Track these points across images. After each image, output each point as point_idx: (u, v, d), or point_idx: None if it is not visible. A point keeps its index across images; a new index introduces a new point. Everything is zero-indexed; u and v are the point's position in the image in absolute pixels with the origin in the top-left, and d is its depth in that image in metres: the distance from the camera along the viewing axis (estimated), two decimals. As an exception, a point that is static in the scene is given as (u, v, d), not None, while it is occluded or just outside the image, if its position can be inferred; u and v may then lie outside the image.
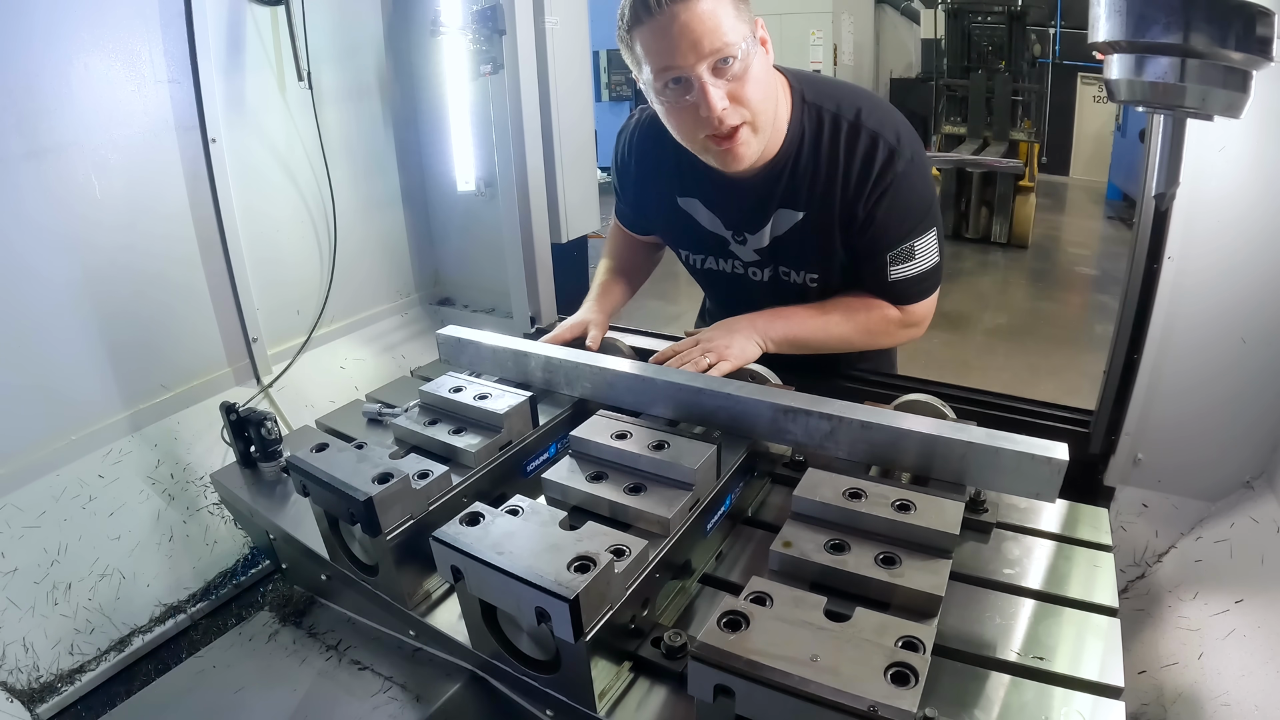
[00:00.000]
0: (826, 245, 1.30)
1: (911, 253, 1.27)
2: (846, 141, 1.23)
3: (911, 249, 1.27)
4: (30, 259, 1.54)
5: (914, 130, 1.27)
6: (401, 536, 0.90)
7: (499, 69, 1.97)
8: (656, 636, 0.82)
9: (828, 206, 1.26)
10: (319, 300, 2.16)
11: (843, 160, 1.23)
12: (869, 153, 1.21)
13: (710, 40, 1.07)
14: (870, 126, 1.22)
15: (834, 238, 1.29)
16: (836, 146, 1.23)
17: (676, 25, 1.06)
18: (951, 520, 0.85)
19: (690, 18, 1.05)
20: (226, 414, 1.16)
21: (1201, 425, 1.30)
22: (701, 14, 1.06)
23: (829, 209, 1.26)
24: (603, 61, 7.81)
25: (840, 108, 1.24)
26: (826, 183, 1.25)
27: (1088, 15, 0.89)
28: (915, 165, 1.23)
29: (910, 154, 1.22)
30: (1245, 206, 1.19)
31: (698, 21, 1.06)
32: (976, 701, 0.74)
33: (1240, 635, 1.05)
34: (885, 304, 1.33)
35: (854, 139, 1.22)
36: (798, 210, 1.29)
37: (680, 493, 0.92)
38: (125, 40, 1.65)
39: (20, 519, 1.48)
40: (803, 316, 1.34)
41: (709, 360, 1.23)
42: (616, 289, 1.59)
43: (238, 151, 1.89)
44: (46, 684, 1.33)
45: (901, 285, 1.30)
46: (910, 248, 1.27)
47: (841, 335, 1.34)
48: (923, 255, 1.28)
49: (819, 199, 1.26)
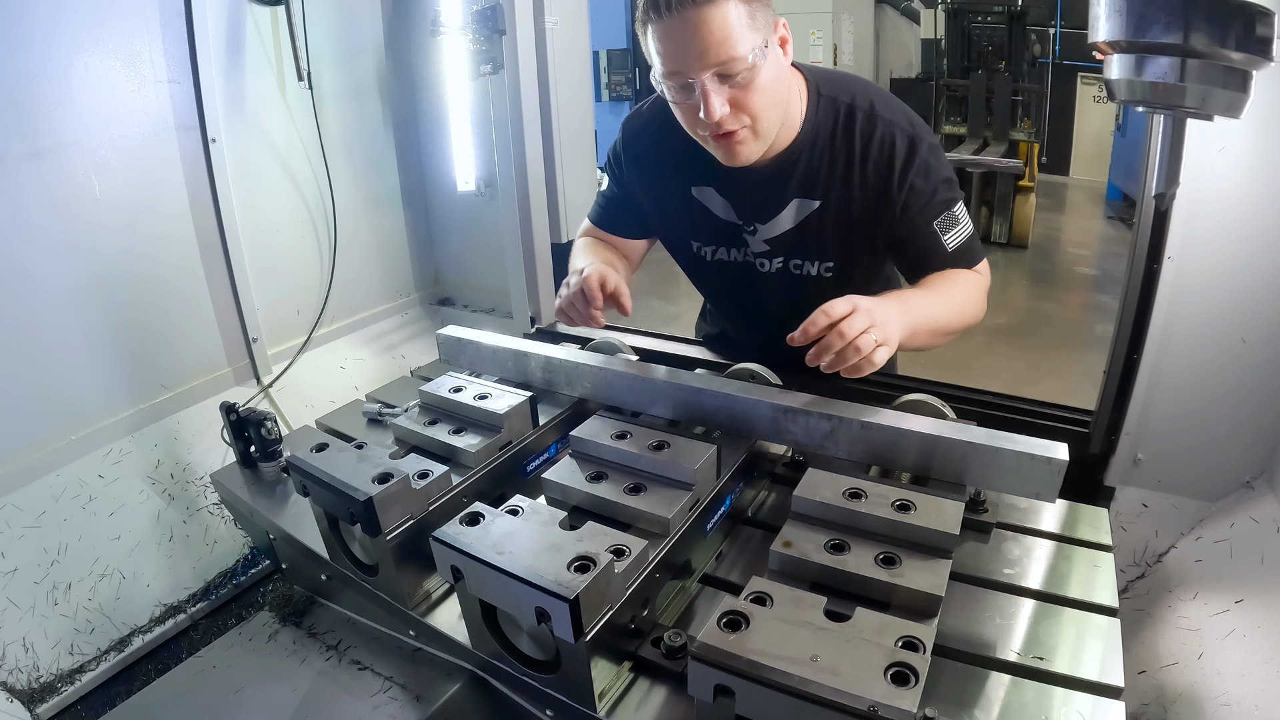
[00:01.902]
0: (845, 235, 1.31)
1: (954, 219, 1.29)
2: (864, 133, 1.25)
3: (953, 216, 1.29)
4: (30, 259, 1.54)
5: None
6: (401, 536, 0.90)
7: (499, 69, 1.98)
8: (656, 636, 0.82)
9: (847, 196, 1.28)
10: (319, 300, 2.16)
11: (859, 151, 1.25)
12: (889, 144, 1.24)
13: (717, 51, 1.06)
14: (886, 117, 1.24)
15: (854, 228, 1.30)
16: (853, 138, 1.25)
17: (685, 31, 1.05)
18: (951, 520, 0.85)
19: (700, 25, 1.04)
20: (226, 414, 1.17)
21: (1201, 425, 1.30)
22: (711, 23, 1.04)
23: (848, 198, 1.28)
24: (603, 61, 7.79)
25: (855, 100, 1.26)
26: (845, 171, 1.26)
27: (1088, 15, 0.89)
28: (931, 144, 1.26)
29: (924, 135, 1.26)
30: (1245, 206, 1.19)
31: (706, 30, 1.04)
32: (976, 701, 0.74)
33: (1240, 635, 1.05)
34: (964, 273, 1.31)
35: (871, 130, 1.24)
36: (814, 199, 1.30)
37: (680, 493, 0.92)
38: (125, 40, 1.65)
39: (20, 519, 1.48)
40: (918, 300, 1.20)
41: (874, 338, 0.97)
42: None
43: (238, 151, 1.89)
44: (46, 684, 1.33)
45: (963, 250, 1.30)
46: (952, 215, 1.29)
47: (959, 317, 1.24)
48: (964, 220, 1.30)
49: (838, 188, 1.28)
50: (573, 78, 2.19)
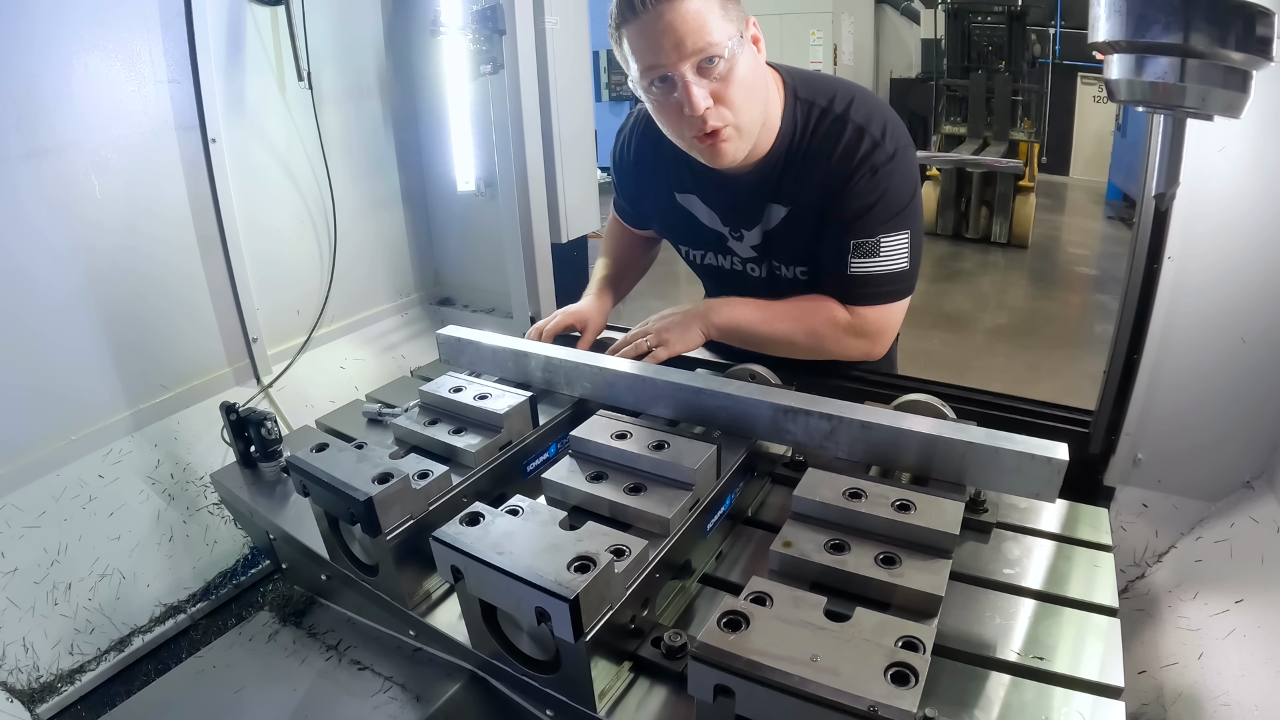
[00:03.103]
0: (812, 238, 1.30)
1: (876, 248, 1.22)
2: (832, 134, 1.22)
3: (877, 243, 1.22)
4: (30, 259, 1.54)
5: (905, 129, 1.25)
6: (401, 536, 0.90)
7: (499, 69, 1.98)
8: (656, 636, 0.82)
9: (813, 199, 1.26)
10: (319, 300, 2.16)
11: (825, 152, 1.23)
12: (851, 143, 1.21)
13: (694, 40, 1.07)
14: (856, 120, 1.21)
15: (819, 230, 1.29)
16: (821, 139, 1.23)
17: (661, 24, 1.07)
18: (951, 520, 0.85)
19: (675, 17, 1.06)
20: (226, 414, 1.16)
21: (1201, 425, 1.30)
22: (686, 14, 1.06)
23: (814, 201, 1.26)
24: (603, 61, 7.80)
25: (832, 102, 1.24)
26: (812, 174, 1.25)
27: (1088, 15, 0.89)
28: (897, 162, 1.21)
29: (894, 149, 1.20)
30: (1245, 206, 1.19)
31: (682, 21, 1.06)
32: (976, 701, 0.74)
33: (1240, 635, 1.05)
34: (834, 304, 1.28)
35: (839, 131, 1.22)
36: (785, 205, 1.29)
37: (680, 493, 0.92)
38: (125, 40, 1.65)
39: (20, 519, 1.48)
40: (750, 307, 1.34)
41: (648, 344, 1.29)
42: (616, 286, 1.60)
43: (238, 151, 1.89)
44: (46, 684, 1.33)
45: (858, 281, 1.25)
46: (875, 242, 1.22)
47: (785, 331, 1.31)
48: (889, 254, 1.23)
49: (805, 192, 1.26)
50: (573, 78, 2.19)
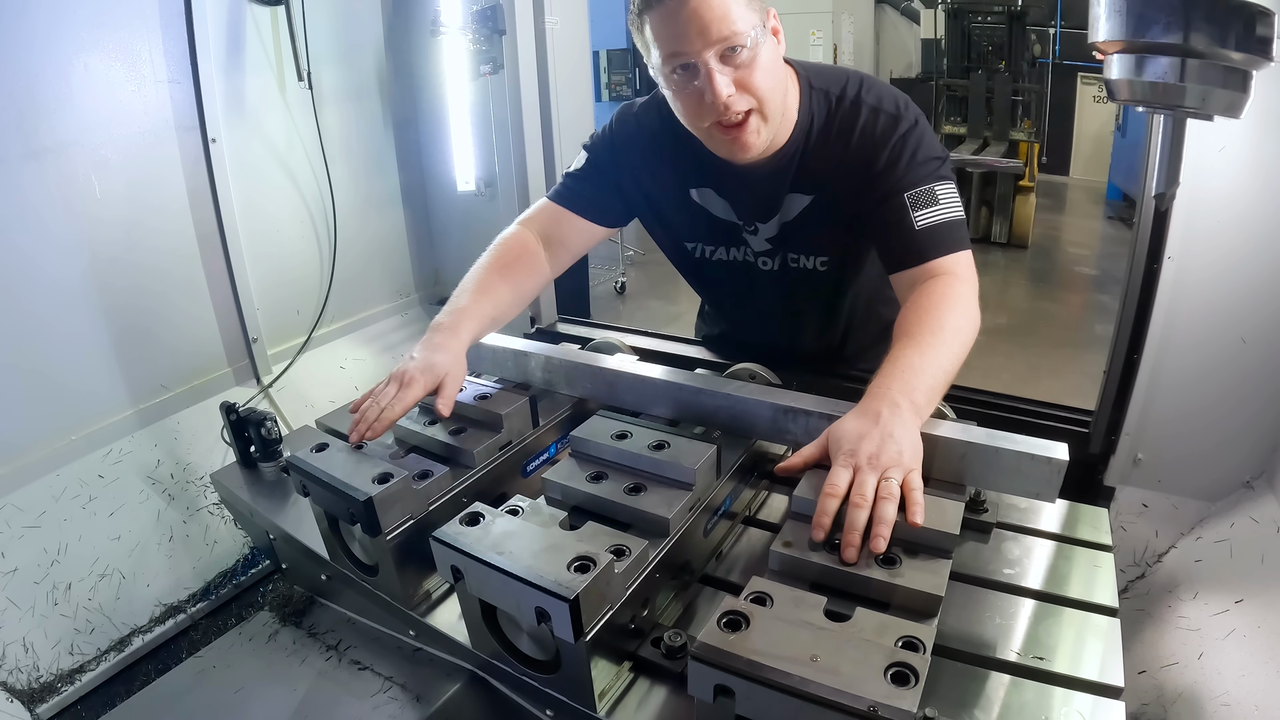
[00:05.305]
0: (836, 227, 1.30)
1: (933, 196, 1.18)
2: (848, 120, 1.24)
3: (932, 192, 1.18)
4: (30, 259, 1.54)
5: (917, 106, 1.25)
6: (401, 536, 0.90)
7: (499, 69, 1.98)
8: (656, 636, 0.82)
9: (836, 186, 1.26)
10: (319, 300, 2.16)
11: (845, 138, 1.24)
12: (871, 123, 1.22)
13: (719, 28, 1.07)
14: (869, 102, 1.23)
15: (843, 218, 1.28)
16: (840, 126, 1.24)
17: (685, 11, 1.06)
18: (951, 520, 0.85)
19: (700, 4, 1.05)
20: (226, 414, 1.16)
21: (1201, 425, 1.30)
22: (711, 1, 1.06)
23: (837, 189, 1.26)
24: (603, 61, 7.79)
25: (844, 88, 1.25)
26: (834, 162, 1.25)
27: (1088, 15, 0.89)
28: (921, 126, 1.22)
29: (914, 117, 1.22)
30: (1245, 206, 1.19)
31: (707, 8, 1.06)
32: (976, 701, 0.74)
33: (1240, 635, 1.05)
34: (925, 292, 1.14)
35: (855, 114, 1.23)
36: (807, 194, 1.29)
37: (680, 493, 0.92)
38: (125, 40, 1.65)
39: (20, 519, 1.48)
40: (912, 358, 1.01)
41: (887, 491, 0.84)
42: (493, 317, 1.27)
43: (238, 151, 1.89)
44: (46, 684, 1.33)
45: (931, 233, 1.17)
46: (930, 190, 1.18)
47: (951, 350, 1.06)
48: (946, 202, 1.18)
49: (827, 179, 1.27)
50: (573, 78, 2.19)
